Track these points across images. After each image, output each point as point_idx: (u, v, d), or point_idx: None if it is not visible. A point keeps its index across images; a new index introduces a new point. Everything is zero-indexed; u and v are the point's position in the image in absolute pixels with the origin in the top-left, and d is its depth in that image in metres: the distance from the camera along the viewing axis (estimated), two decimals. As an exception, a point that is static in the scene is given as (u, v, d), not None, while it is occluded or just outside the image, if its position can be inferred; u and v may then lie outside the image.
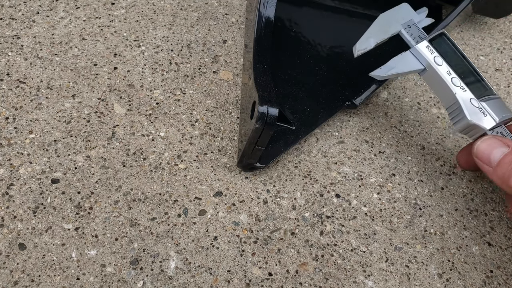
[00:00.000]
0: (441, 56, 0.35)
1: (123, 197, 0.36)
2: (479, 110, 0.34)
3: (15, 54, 0.44)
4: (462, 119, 0.34)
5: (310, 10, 0.49)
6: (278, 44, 0.45)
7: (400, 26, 0.37)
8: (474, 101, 0.34)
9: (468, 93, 0.34)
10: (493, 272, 0.35)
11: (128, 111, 0.41)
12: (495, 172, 0.31)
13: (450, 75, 0.35)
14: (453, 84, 0.34)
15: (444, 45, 0.36)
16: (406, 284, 0.34)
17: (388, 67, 0.36)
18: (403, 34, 0.37)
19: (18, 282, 0.31)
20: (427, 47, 0.35)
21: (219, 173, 0.38)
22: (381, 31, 0.38)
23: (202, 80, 0.44)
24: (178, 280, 0.33)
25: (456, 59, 0.35)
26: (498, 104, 0.34)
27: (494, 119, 0.33)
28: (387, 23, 0.38)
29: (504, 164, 0.31)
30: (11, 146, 0.38)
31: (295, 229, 0.36)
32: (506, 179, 0.30)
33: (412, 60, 0.36)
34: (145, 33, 0.47)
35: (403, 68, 0.36)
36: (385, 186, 0.39)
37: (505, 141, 0.32)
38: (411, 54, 0.36)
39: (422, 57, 0.35)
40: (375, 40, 0.37)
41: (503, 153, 0.31)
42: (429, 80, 0.36)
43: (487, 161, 0.32)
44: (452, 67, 0.35)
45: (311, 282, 0.33)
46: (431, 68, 0.35)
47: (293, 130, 0.39)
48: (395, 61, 0.36)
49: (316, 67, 0.44)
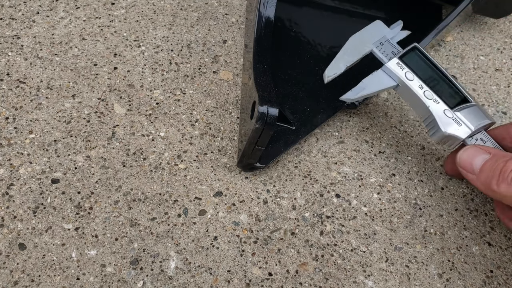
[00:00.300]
0: (412, 71, 0.36)
1: (123, 197, 0.36)
2: (453, 121, 0.34)
3: (15, 54, 0.44)
4: (437, 131, 0.34)
5: (310, 10, 0.49)
6: (278, 44, 0.45)
7: (372, 45, 0.38)
8: (448, 112, 0.34)
9: (442, 104, 0.34)
10: (493, 272, 0.35)
11: (128, 111, 0.41)
12: (478, 178, 0.31)
13: (422, 89, 0.35)
14: (425, 97, 0.35)
15: (416, 59, 0.36)
16: (406, 284, 0.34)
17: (359, 88, 0.36)
18: (375, 52, 0.37)
19: (18, 282, 0.31)
20: (398, 64, 0.36)
21: (219, 173, 0.38)
22: (352, 53, 0.38)
23: (202, 80, 0.44)
24: (178, 280, 0.33)
25: (428, 72, 0.36)
26: (474, 112, 0.34)
27: (470, 128, 0.34)
28: (359, 44, 0.38)
29: (485, 170, 0.31)
30: (11, 146, 0.38)
31: (295, 229, 0.36)
32: (488, 184, 0.30)
33: (384, 78, 0.36)
34: (145, 33, 0.47)
35: (374, 88, 0.36)
36: (385, 186, 0.39)
37: (485, 148, 0.32)
38: (383, 72, 0.36)
39: (393, 74, 0.36)
40: (345, 64, 0.37)
41: (484, 159, 0.32)
42: (403, 95, 0.36)
43: (470, 170, 0.32)
44: (424, 80, 0.35)
45: (311, 282, 0.33)
46: (403, 84, 0.36)
47: (293, 130, 0.39)
48: (366, 81, 0.36)
49: (316, 67, 0.44)
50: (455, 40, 0.52)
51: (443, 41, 0.51)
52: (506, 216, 0.34)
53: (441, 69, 0.36)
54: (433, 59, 0.36)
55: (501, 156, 0.31)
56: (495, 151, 0.32)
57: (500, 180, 0.30)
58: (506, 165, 0.30)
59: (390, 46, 0.37)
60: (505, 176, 0.29)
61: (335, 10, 0.50)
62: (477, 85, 0.47)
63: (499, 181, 0.30)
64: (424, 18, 0.51)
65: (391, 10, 0.51)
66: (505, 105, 0.46)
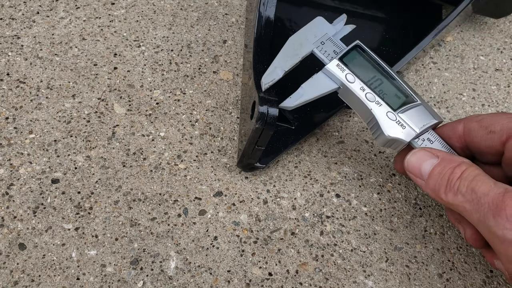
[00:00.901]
0: (352, 73, 0.34)
1: (123, 197, 0.36)
2: (396, 124, 0.32)
3: (15, 54, 0.44)
4: (380, 135, 0.33)
5: (310, 10, 0.49)
6: (278, 44, 0.45)
7: (312, 45, 0.35)
8: (391, 114, 0.33)
9: (384, 106, 0.33)
10: (493, 272, 0.35)
11: (128, 111, 0.41)
12: (428, 185, 0.30)
13: (364, 91, 0.33)
14: (367, 100, 0.33)
15: (357, 59, 0.34)
16: (406, 284, 0.34)
17: (298, 95, 0.33)
18: (316, 53, 0.35)
19: (18, 282, 0.31)
20: (338, 66, 0.34)
21: (219, 173, 0.38)
22: (290, 56, 0.35)
23: (202, 80, 0.44)
24: (178, 280, 0.33)
25: (371, 72, 0.34)
26: (419, 112, 0.33)
27: (414, 130, 0.32)
28: (298, 45, 0.35)
29: (433, 176, 0.30)
30: (11, 146, 0.38)
31: (295, 229, 0.36)
32: (437, 191, 0.30)
33: (325, 81, 0.34)
34: (145, 33, 0.47)
35: (314, 93, 0.34)
36: (385, 186, 0.39)
37: (434, 152, 0.31)
38: (324, 74, 0.34)
39: (334, 76, 0.34)
40: (282, 68, 0.34)
41: (433, 164, 0.31)
42: (346, 98, 0.35)
43: (418, 175, 0.31)
44: (365, 82, 0.33)
45: (311, 282, 0.33)
46: (344, 87, 0.33)
47: (293, 130, 0.39)
48: (305, 86, 0.34)
49: (316, 66, 0.44)
50: (455, 40, 0.52)
51: (443, 41, 0.51)
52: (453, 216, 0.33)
53: (385, 68, 0.34)
54: (376, 57, 0.34)
55: (449, 161, 0.30)
56: (443, 155, 0.31)
57: (448, 189, 0.29)
58: (453, 173, 0.29)
59: (331, 45, 0.35)
60: (452, 184, 0.29)
61: (335, 10, 0.50)
62: (477, 85, 0.47)
63: (447, 190, 0.29)
64: (424, 18, 0.51)
65: (391, 10, 0.51)
66: (505, 105, 0.46)
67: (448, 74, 0.48)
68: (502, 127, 0.30)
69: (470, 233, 0.31)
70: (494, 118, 0.31)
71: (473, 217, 0.28)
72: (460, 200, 0.28)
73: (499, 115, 0.31)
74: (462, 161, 0.30)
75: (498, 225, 0.26)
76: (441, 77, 0.48)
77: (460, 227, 0.32)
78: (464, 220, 0.31)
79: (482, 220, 0.27)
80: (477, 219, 0.27)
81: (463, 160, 0.30)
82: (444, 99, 0.46)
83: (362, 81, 0.33)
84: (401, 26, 0.50)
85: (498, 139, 0.31)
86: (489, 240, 0.28)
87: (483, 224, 0.27)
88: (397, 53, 0.46)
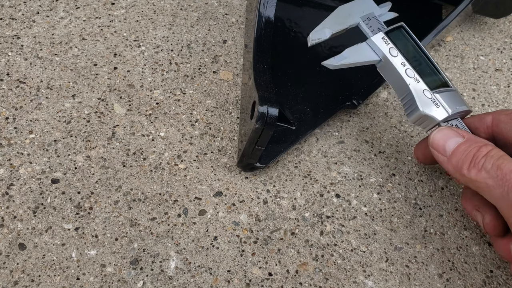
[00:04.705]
0: (396, 48, 0.35)
1: (123, 197, 0.36)
2: (431, 102, 0.33)
3: (15, 54, 0.44)
4: (414, 110, 0.34)
5: (310, 10, 0.49)
6: (278, 44, 0.45)
7: (359, 18, 0.37)
8: (427, 93, 0.34)
9: (422, 84, 0.34)
10: (493, 272, 0.35)
11: (128, 111, 0.41)
12: (450, 161, 0.31)
13: (405, 66, 0.34)
14: (406, 75, 0.34)
15: (401, 37, 0.36)
16: (406, 284, 0.34)
17: (342, 57, 0.35)
18: (361, 26, 0.36)
19: (18, 282, 0.31)
20: (383, 38, 0.35)
21: (219, 173, 0.38)
22: (339, 22, 0.36)
23: (202, 80, 0.44)
24: (178, 280, 0.33)
25: (413, 52, 0.35)
26: (453, 97, 0.34)
27: (447, 111, 0.33)
28: (346, 15, 0.37)
29: (458, 153, 0.31)
30: (11, 146, 0.38)
31: (295, 229, 0.36)
32: (459, 168, 0.30)
33: (367, 51, 0.35)
34: (145, 33, 0.47)
35: (357, 58, 0.35)
36: (385, 186, 0.39)
37: (460, 132, 0.32)
38: (367, 45, 0.35)
39: (377, 48, 0.35)
40: (330, 30, 0.36)
41: (457, 142, 0.31)
42: (384, 71, 0.36)
43: (442, 151, 0.32)
44: (407, 59, 0.35)
45: (311, 282, 0.33)
46: (386, 59, 0.35)
47: (293, 130, 0.39)
48: (349, 51, 0.35)
49: (316, 67, 0.44)
50: (455, 40, 0.52)
51: (443, 41, 0.51)
52: (470, 204, 0.33)
53: (425, 52, 0.35)
54: (418, 41, 0.36)
55: (475, 141, 0.31)
56: (469, 136, 0.32)
57: (472, 166, 0.30)
58: (479, 151, 0.30)
59: (376, 23, 0.37)
60: (477, 161, 0.29)
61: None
62: (477, 85, 0.47)
63: (470, 166, 0.30)
64: (424, 18, 0.51)
65: (391, 10, 0.51)
66: (505, 105, 0.46)
67: (448, 74, 0.48)
68: None
69: (489, 219, 0.32)
70: None
71: (495, 193, 0.28)
72: (484, 176, 0.29)
73: None
74: (488, 142, 0.31)
75: None
76: (441, 77, 0.48)
77: (478, 215, 0.33)
78: (484, 206, 0.32)
79: (506, 195, 0.28)
80: (500, 195, 0.28)
81: (488, 142, 0.31)
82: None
83: (404, 57, 0.35)
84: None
85: None
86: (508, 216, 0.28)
87: (505, 199, 0.28)
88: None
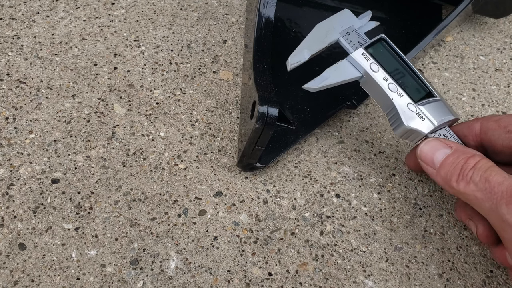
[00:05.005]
0: (377, 63, 0.35)
1: (123, 197, 0.36)
2: (416, 115, 0.33)
3: (15, 54, 0.44)
4: (399, 125, 0.34)
5: (310, 10, 0.49)
6: (278, 44, 0.45)
7: (338, 34, 0.36)
8: (412, 106, 0.34)
9: (405, 98, 0.34)
10: (493, 272, 0.35)
11: (128, 111, 0.41)
12: (439, 173, 0.31)
13: (387, 81, 0.34)
14: (389, 90, 0.34)
15: (382, 50, 0.35)
16: (406, 284, 0.34)
17: (322, 78, 0.35)
18: (341, 42, 0.36)
19: (18, 282, 0.31)
20: (363, 54, 0.35)
21: (219, 173, 0.38)
22: (318, 40, 0.36)
23: (202, 80, 0.44)
24: (178, 280, 0.33)
25: (395, 64, 0.35)
26: (439, 107, 0.34)
27: (433, 123, 0.33)
28: (324, 32, 0.36)
29: (446, 165, 0.31)
30: (11, 146, 0.38)
31: (295, 229, 0.36)
32: (448, 180, 0.30)
33: (348, 68, 0.35)
34: (145, 33, 0.47)
35: (338, 78, 0.35)
36: (385, 186, 0.39)
37: (448, 142, 0.32)
38: (348, 62, 0.35)
39: (358, 65, 0.35)
40: (309, 51, 0.36)
41: (446, 154, 0.31)
42: (367, 87, 0.36)
43: (430, 163, 0.32)
44: (389, 73, 0.34)
45: (311, 282, 0.33)
46: (367, 75, 0.35)
47: (293, 130, 0.39)
48: (330, 71, 0.35)
49: (316, 66, 0.44)
50: (455, 40, 0.52)
51: (443, 41, 0.51)
52: (463, 213, 0.33)
53: (407, 62, 0.35)
54: (400, 52, 0.35)
55: (462, 152, 0.31)
56: (457, 146, 0.32)
57: (460, 178, 0.29)
58: (467, 162, 0.30)
59: (356, 36, 0.36)
60: (465, 174, 0.29)
61: (335, 10, 0.49)
62: (477, 85, 0.47)
63: (459, 179, 0.29)
64: (424, 18, 0.51)
65: (391, 10, 0.51)
66: (505, 105, 0.46)
67: (448, 74, 0.48)
68: None
69: (482, 229, 0.31)
70: None
71: (484, 206, 0.28)
72: (472, 189, 0.29)
73: None
74: (475, 153, 0.31)
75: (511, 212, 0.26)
76: (441, 77, 0.48)
77: (472, 224, 0.32)
78: (476, 216, 0.32)
79: (494, 209, 0.27)
80: (489, 208, 0.28)
81: (476, 152, 0.31)
82: (444, 99, 0.46)
83: (386, 71, 0.34)
84: (401, 26, 0.50)
85: None
86: (499, 229, 0.28)
87: (494, 212, 0.27)
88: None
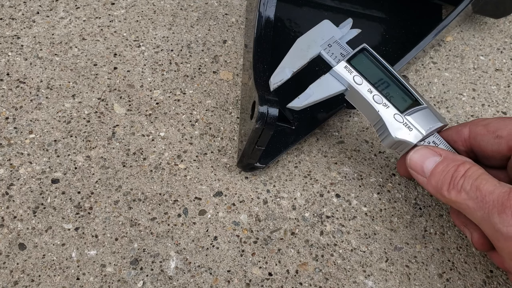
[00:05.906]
0: (360, 75, 0.34)
1: (123, 197, 0.36)
2: (404, 126, 0.33)
3: (15, 54, 0.44)
4: (387, 136, 0.33)
5: (310, 10, 0.49)
6: (278, 44, 0.45)
7: (320, 48, 0.35)
8: (398, 117, 0.33)
9: (392, 108, 0.33)
10: (493, 272, 0.35)
11: (128, 111, 0.41)
12: (429, 182, 0.31)
13: (372, 93, 0.34)
14: (375, 101, 0.33)
15: (365, 61, 0.35)
16: (406, 284, 0.34)
17: (306, 95, 0.34)
18: (323, 55, 0.35)
19: (18, 282, 0.31)
20: (346, 67, 0.34)
21: (219, 173, 0.38)
22: (299, 56, 0.35)
23: (202, 80, 0.44)
24: (178, 280, 0.33)
25: (378, 74, 0.34)
26: (426, 115, 0.33)
27: (421, 132, 0.33)
28: (305, 47, 0.36)
29: (436, 173, 0.30)
30: (11, 146, 0.38)
31: (295, 229, 0.36)
32: (439, 189, 0.30)
33: (332, 83, 0.34)
34: (145, 33, 0.47)
35: (323, 93, 0.34)
36: (385, 186, 0.39)
37: (437, 150, 0.31)
38: (331, 76, 0.34)
39: (341, 78, 0.34)
40: (291, 69, 0.35)
41: (435, 162, 0.31)
42: (353, 100, 0.35)
43: (421, 172, 0.31)
44: (373, 84, 0.34)
45: (311, 282, 0.33)
46: (352, 88, 0.34)
47: (293, 130, 0.39)
48: (314, 87, 0.34)
49: (316, 67, 0.44)
50: (455, 40, 0.52)
51: (443, 41, 0.51)
52: (458, 219, 0.33)
53: (391, 71, 0.35)
54: (383, 61, 0.35)
55: (452, 160, 0.30)
56: (446, 153, 0.31)
57: (451, 187, 0.29)
58: (457, 170, 0.29)
59: (338, 48, 0.35)
60: (456, 182, 0.29)
61: (335, 10, 0.50)
62: (477, 85, 0.47)
63: (450, 188, 0.29)
64: (424, 18, 0.51)
65: (391, 10, 0.51)
66: (505, 105, 0.46)
67: (448, 74, 0.48)
68: (509, 132, 0.31)
69: (477, 237, 0.31)
70: (501, 123, 0.31)
71: (476, 215, 0.28)
72: (464, 197, 0.28)
73: (505, 120, 0.31)
74: (465, 160, 0.30)
75: (503, 222, 0.26)
76: (441, 77, 0.48)
77: (467, 231, 0.32)
78: (470, 224, 0.31)
79: (486, 218, 0.27)
80: (481, 217, 0.27)
81: (466, 159, 0.30)
82: (444, 99, 0.46)
83: (370, 83, 0.34)
84: (401, 26, 0.50)
85: (505, 144, 0.31)
86: (492, 238, 0.28)
87: (487, 221, 0.27)
88: (397, 53, 0.46)
